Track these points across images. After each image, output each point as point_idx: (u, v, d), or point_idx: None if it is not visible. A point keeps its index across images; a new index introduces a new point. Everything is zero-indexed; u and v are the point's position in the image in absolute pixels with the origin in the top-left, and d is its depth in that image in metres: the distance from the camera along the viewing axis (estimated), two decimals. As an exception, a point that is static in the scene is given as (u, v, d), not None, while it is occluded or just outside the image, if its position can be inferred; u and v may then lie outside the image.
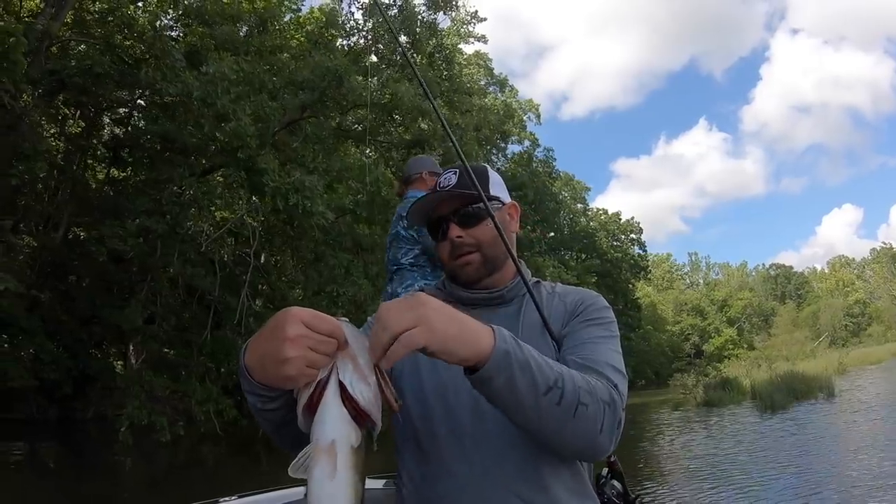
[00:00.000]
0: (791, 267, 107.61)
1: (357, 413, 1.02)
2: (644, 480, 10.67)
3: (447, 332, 1.07)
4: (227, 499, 2.60)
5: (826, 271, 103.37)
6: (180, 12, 18.49)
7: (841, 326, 73.96)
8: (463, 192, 1.56)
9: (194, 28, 17.36)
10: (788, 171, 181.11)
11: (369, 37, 22.36)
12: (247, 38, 17.35)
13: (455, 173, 1.62)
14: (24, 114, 15.77)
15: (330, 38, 22.03)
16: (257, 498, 2.68)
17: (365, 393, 1.02)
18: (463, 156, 1.63)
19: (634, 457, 13.51)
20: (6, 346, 15.67)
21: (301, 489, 2.25)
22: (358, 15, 23.76)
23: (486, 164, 1.76)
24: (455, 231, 1.58)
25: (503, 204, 1.68)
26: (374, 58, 23.05)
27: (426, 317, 1.05)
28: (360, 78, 18.57)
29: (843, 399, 20.98)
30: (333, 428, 1.00)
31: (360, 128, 21.16)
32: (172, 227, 15.71)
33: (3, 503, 9.52)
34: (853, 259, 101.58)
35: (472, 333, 1.12)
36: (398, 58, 21.65)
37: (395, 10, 22.45)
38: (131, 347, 19.49)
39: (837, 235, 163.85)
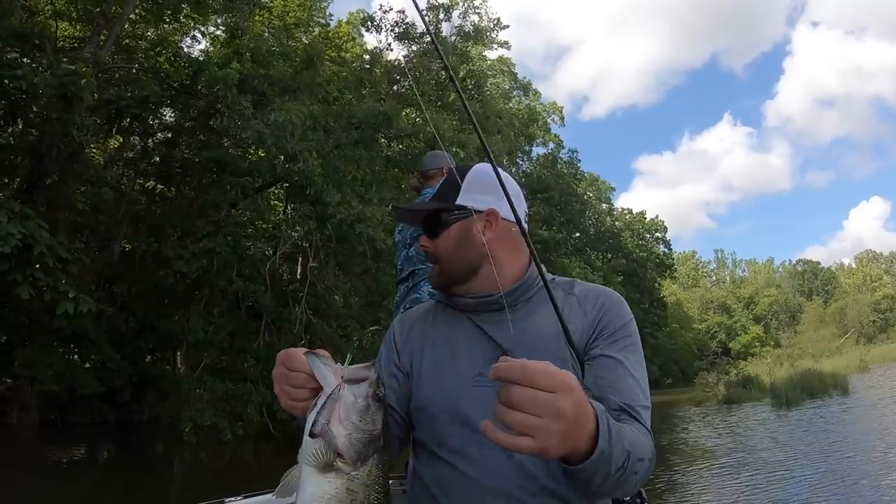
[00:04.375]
0: (818, 263, 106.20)
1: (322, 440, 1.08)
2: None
3: (557, 446, 0.98)
4: (232, 499, 2.60)
5: (853, 266, 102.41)
6: (231, 50, 19.75)
7: (868, 322, 72.87)
8: (403, 208, 1.65)
9: (245, 62, 18.48)
10: (814, 164, 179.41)
11: (409, 70, 23.26)
12: (296, 73, 18.34)
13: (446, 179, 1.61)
14: (85, 142, 16.96)
15: (376, 75, 23.11)
16: (263, 498, 2.65)
17: (321, 421, 1.08)
18: (494, 158, 1.58)
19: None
20: (76, 357, 16.91)
21: None
22: (396, 49, 24.92)
23: (485, 165, 1.62)
24: (423, 240, 1.60)
25: (479, 211, 1.55)
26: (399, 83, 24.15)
27: (547, 434, 0.95)
28: (406, 113, 19.57)
29: (855, 396, 21.32)
30: (302, 452, 1.10)
31: (397, 148, 22.44)
32: (234, 248, 16.96)
33: (71, 499, 10.43)
34: (881, 254, 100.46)
35: (579, 435, 1.03)
36: (434, 85, 22.86)
37: (428, 39, 23.49)
38: (178, 354, 20.75)
39: (865, 229, 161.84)
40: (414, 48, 23.31)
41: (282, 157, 16.18)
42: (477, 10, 29.07)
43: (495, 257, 1.53)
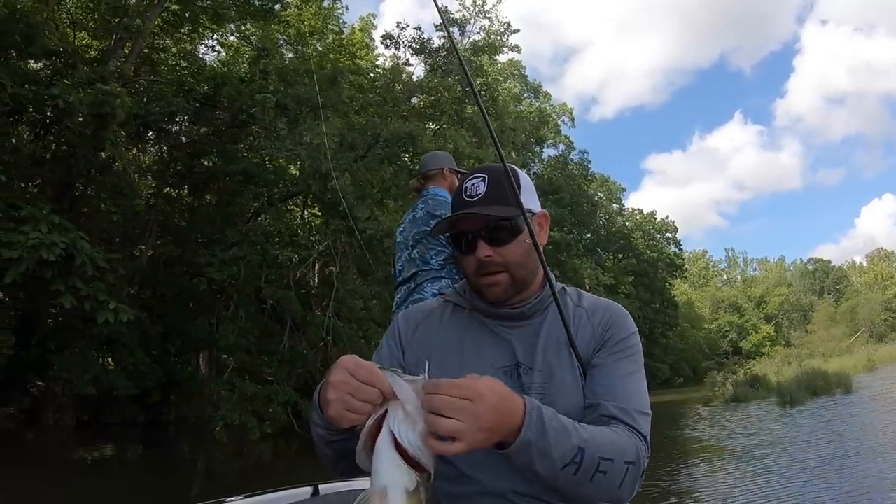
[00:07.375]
0: (829, 261, 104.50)
1: (408, 459, 1.05)
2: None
3: (484, 443, 1.09)
4: (233, 498, 2.60)
5: (865, 265, 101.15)
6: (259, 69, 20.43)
7: (880, 321, 71.50)
8: (489, 214, 1.44)
9: (271, 81, 19.16)
10: (825, 162, 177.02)
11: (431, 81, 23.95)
12: (320, 91, 18.93)
13: (483, 180, 1.48)
14: (114, 155, 17.48)
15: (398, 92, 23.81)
16: (264, 497, 2.67)
17: (413, 440, 1.05)
18: (506, 162, 1.51)
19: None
20: (109, 360, 17.59)
21: (307, 489, 2.81)
22: (418, 66, 25.66)
23: (514, 167, 1.56)
24: (484, 250, 1.45)
25: (534, 214, 1.54)
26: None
27: (473, 435, 1.05)
28: (429, 127, 20.15)
29: (857, 395, 21.64)
30: (385, 474, 1.05)
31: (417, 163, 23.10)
32: (263, 256, 17.65)
33: (106, 495, 10.73)
34: (892, 252, 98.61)
35: (504, 429, 1.12)
36: (450, 100, 23.66)
37: (444, 54, 24.40)
38: (201, 356, 21.46)
39: (877, 227, 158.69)
40: (430, 62, 23.99)
41: (315, 176, 16.83)
42: (488, 15, 29.73)
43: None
